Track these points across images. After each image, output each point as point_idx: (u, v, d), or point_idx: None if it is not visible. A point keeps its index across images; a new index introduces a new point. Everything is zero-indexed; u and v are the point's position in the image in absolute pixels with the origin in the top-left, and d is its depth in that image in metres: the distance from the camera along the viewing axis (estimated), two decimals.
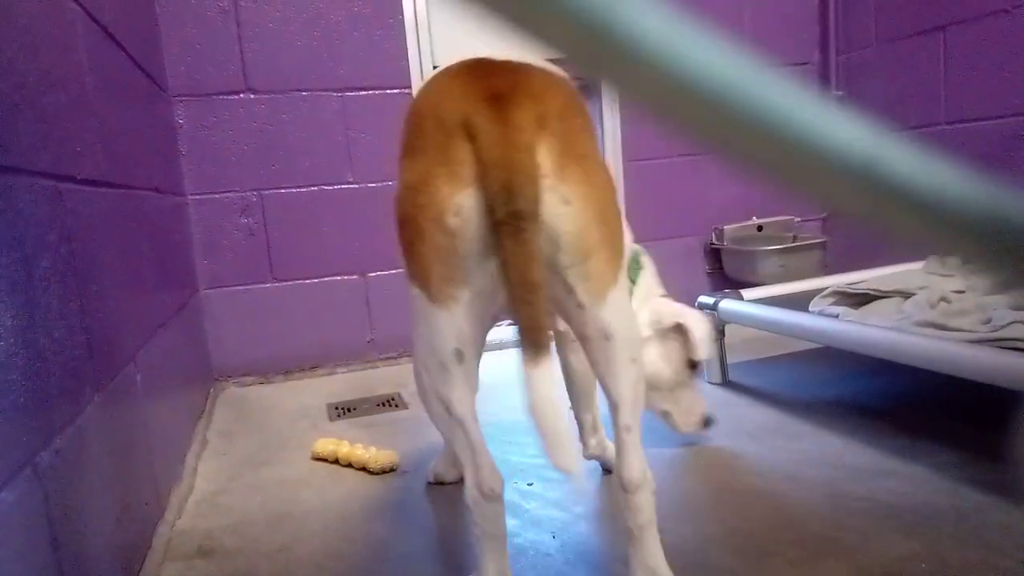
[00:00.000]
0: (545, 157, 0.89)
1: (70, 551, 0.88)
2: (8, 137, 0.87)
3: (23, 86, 0.94)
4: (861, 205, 0.21)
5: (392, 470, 1.63)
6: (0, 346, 0.76)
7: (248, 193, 2.46)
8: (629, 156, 2.88)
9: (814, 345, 2.26)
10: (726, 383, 2.10)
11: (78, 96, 1.20)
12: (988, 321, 1.60)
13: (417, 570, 1.21)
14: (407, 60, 2.58)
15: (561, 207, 0.90)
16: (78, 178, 1.15)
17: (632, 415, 1.00)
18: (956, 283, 1.94)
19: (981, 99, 2.43)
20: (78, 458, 0.96)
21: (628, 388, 0.99)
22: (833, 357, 2.22)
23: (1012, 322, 1.54)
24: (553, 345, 0.92)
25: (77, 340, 1.02)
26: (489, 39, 2.43)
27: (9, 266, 0.82)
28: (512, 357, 2.69)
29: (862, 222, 0.21)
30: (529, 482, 1.53)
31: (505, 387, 2.21)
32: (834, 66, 3.02)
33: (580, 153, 0.93)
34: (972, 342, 1.51)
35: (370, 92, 2.56)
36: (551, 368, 0.87)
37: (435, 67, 2.60)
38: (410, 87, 2.59)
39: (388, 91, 2.58)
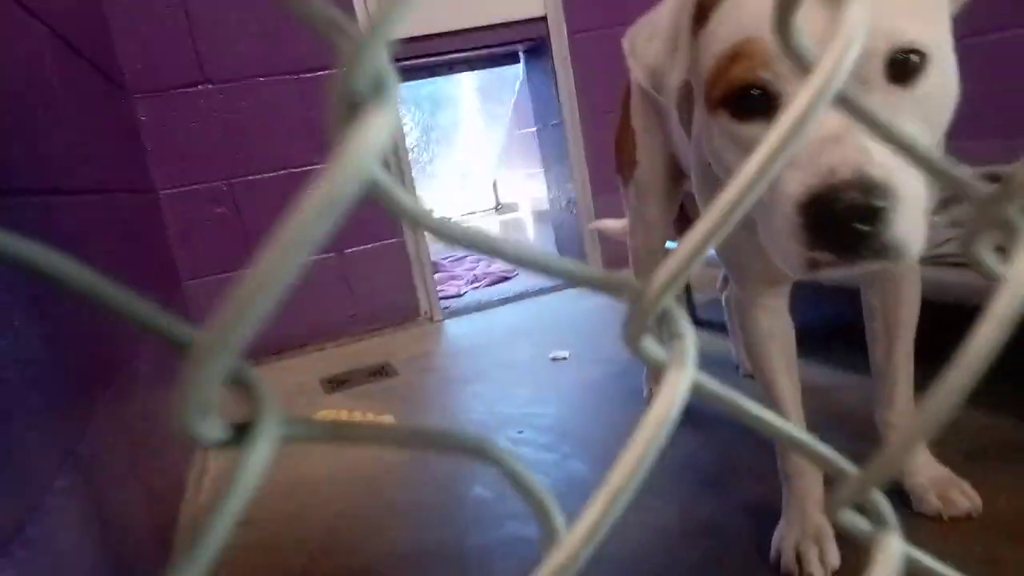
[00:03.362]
0: None
1: (117, 530, 0.98)
2: (19, 162, 0.93)
3: (5, 107, 1.00)
4: None
5: None
6: (32, 349, 0.85)
7: (218, 183, 2.51)
8: (586, 109, 2.96)
9: None
10: (694, 321, 2.22)
11: (51, 108, 1.26)
12: (928, 240, 1.73)
13: (421, 521, 1.32)
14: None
15: None
16: (63, 190, 1.21)
17: None
18: None
19: None
20: (107, 447, 1.05)
21: None
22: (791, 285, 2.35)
23: (948, 239, 1.67)
24: None
25: (88, 338, 1.10)
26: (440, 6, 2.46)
27: (20, 278, 0.89)
28: (499, 317, 2.80)
29: None
30: (519, 430, 1.65)
31: (492, 344, 2.32)
32: None
33: None
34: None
35: (327, 72, 2.60)
36: None
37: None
38: None
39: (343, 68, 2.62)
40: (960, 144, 2.46)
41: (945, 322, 1.74)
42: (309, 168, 2.59)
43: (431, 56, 2.85)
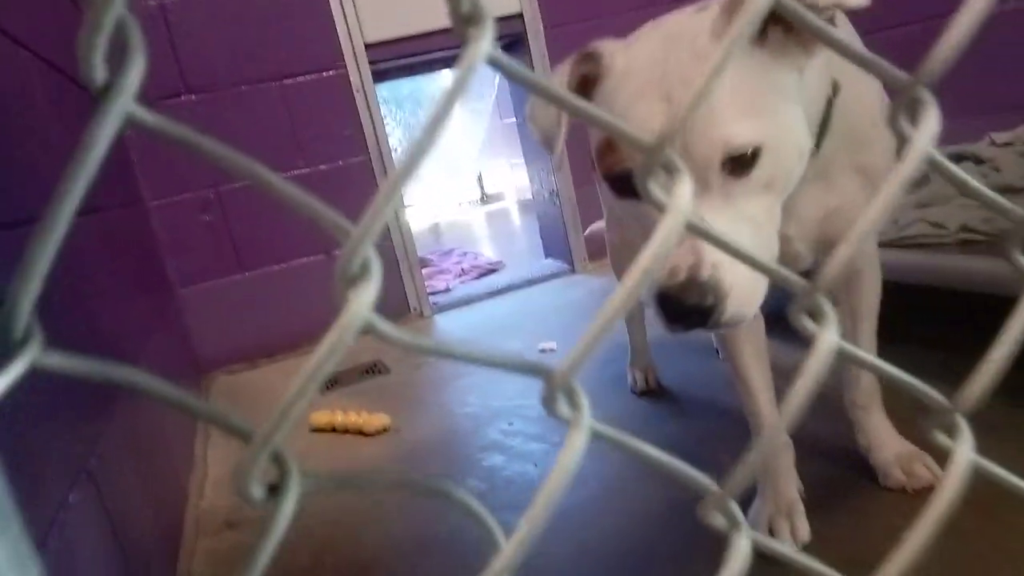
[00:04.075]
0: None
1: (128, 538, 1.04)
2: (16, 193, 0.98)
3: (15, 147, 1.05)
4: None
5: (386, 430, 1.80)
6: (45, 373, 0.90)
7: (205, 191, 2.55)
8: None
9: None
10: None
11: (44, 134, 1.30)
12: (896, 222, 1.80)
13: (419, 514, 1.38)
14: (338, 39, 2.65)
15: None
16: None
17: None
18: None
19: None
20: (115, 459, 1.10)
21: None
22: None
23: (916, 220, 1.74)
24: None
25: (92, 354, 1.15)
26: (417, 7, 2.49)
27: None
28: (488, 310, 2.85)
29: None
30: (509, 422, 1.71)
31: (482, 338, 2.37)
32: None
33: None
34: (881, 245, 1.70)
35: (307, 76, 2.64)
36: None
37: (366, 44, 2.67)
38: (344, 66, 2.66)
39: (324, 73, 2.66)
40: None
41: (910, 302, 1.81)
42: (295, 172, 2.63)
43: (410, 56, 2.89)
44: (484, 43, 0.22)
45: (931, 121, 0.28)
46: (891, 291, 1.62)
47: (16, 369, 0.18)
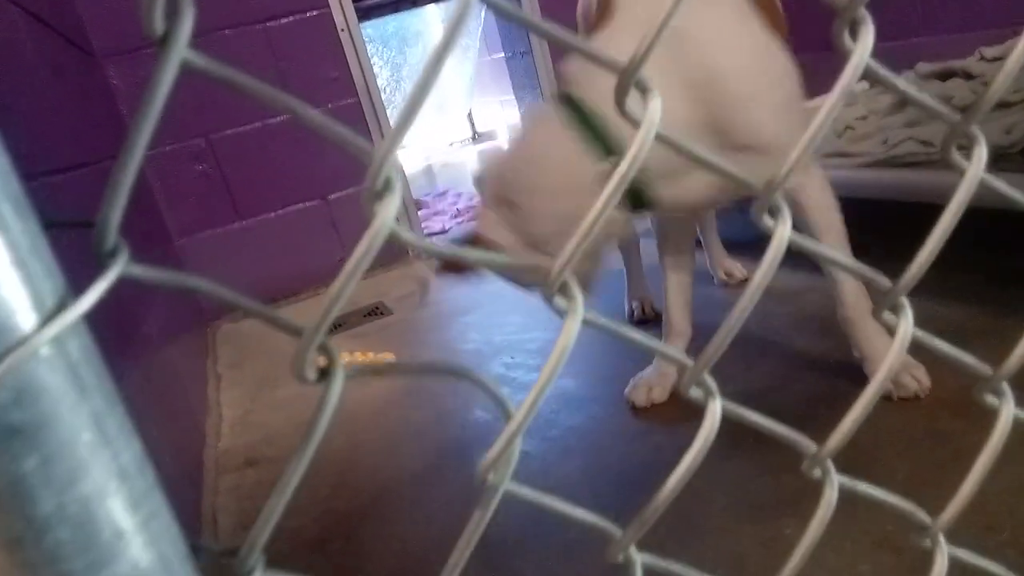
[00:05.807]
0: None
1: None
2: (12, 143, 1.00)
3: (6, 98, 1.06)
4: None
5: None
6: None
7: (197, 140, 2.54)
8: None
9: None
10: None
11: (37, 89, 1.30)
12: (885, 141, 1.81)
13: (429, 444, 1.44)
14: None
15: None
16: (59, 168, 1.27)
17: None
18: (859, 110, 2.13)
19: None
20: (136, 406, 1.15)
21: None
22: None
23: (905, 139, 1.75)
24: None
25: (109, 312, 1.19)
26: None
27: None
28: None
29: None
30: (511, 356, 1.76)
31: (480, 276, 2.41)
32: None
33: None
34: (869, 164, 1.72)
35: (292, 18, 2.60)
36: None
37: None
38: (327, 5, 2.62)
39: (308, 14, 2.62)
40: (918, 41, 2.49)
41: (905, 219, 1.84)
42: (285, 118, 2.61)
43: None
44: None
45: (868, 37, 0.31)
46: (886, 209, 1.65)
47: (111, 276, 0.22)
